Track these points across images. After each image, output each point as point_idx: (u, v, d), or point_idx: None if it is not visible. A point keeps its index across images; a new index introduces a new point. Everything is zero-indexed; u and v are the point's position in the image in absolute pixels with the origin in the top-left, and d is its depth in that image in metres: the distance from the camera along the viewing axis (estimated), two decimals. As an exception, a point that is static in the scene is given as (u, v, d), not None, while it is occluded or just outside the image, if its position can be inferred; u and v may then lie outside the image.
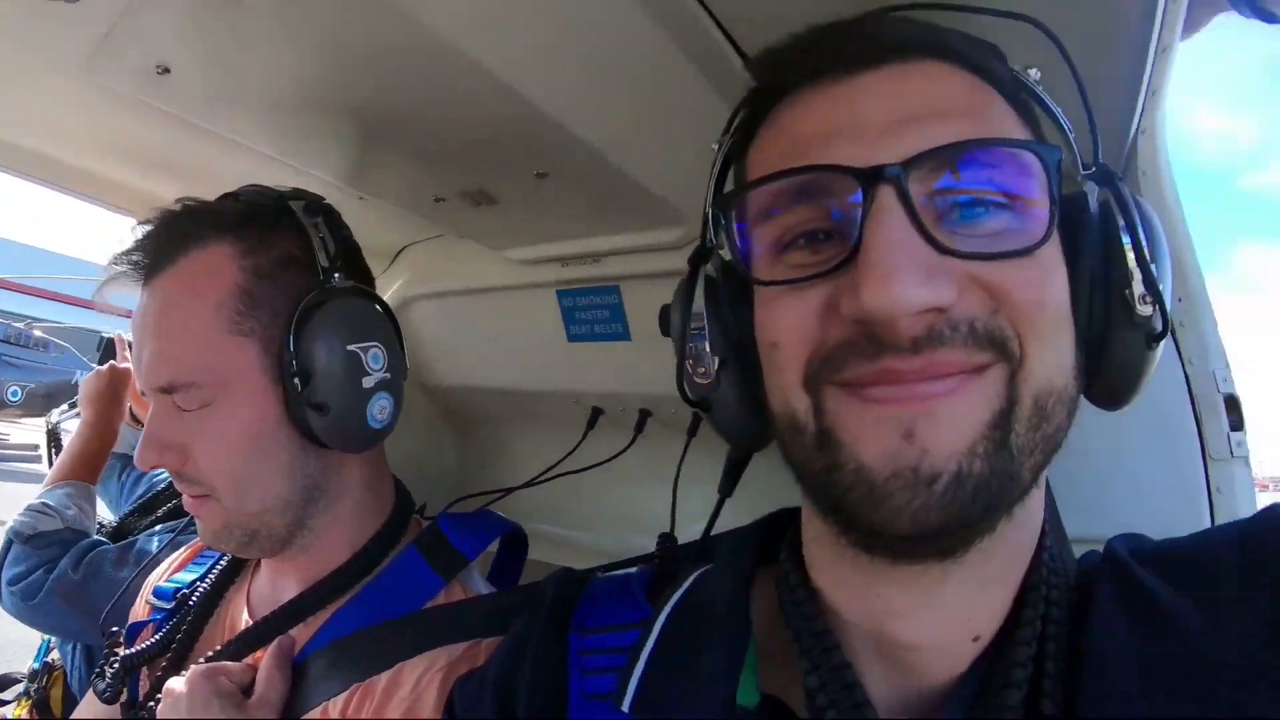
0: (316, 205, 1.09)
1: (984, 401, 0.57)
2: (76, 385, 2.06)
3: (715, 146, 0.75)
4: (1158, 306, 0.62)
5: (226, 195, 1.10)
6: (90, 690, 1.21)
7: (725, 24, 0.89)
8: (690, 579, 0.79)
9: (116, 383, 1.97)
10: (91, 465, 1.87)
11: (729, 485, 0.96)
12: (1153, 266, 0.62)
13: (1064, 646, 0.64)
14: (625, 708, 0.68)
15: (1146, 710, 0.58)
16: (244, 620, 1.13)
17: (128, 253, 1.05)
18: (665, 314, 0.77)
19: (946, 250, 0.57)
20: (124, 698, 1.17)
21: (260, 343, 1.01)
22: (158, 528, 1.79)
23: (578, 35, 0.90)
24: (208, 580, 1.22)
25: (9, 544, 1.70)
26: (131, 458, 1.69)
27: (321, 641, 1.04)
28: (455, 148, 1.22)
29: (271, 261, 1.03)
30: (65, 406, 2.16)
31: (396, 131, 1.21)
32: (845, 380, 0.59)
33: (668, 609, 0.75)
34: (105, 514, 2.00)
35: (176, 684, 1.00)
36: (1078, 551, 0.79)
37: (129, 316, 1.08)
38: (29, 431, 19.58)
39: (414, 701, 0.93)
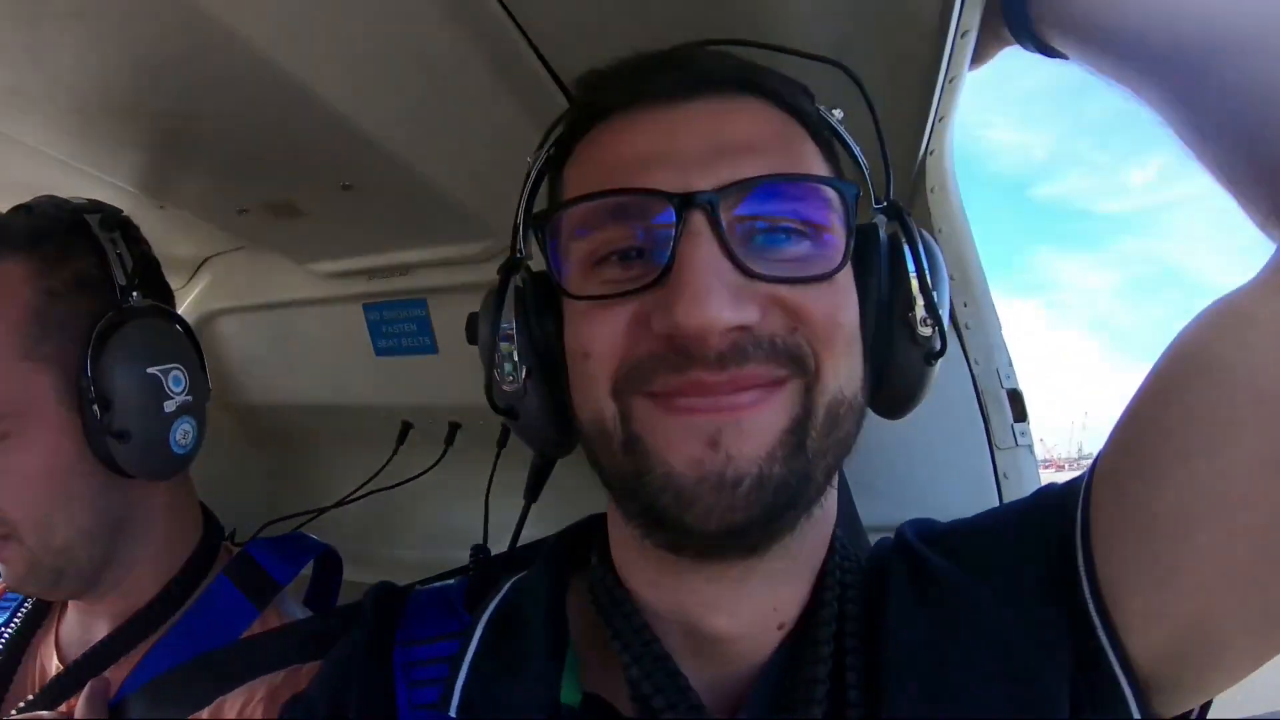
0: (113, 219, 1.04)
1: (783, 411, 0.63)
2: None
3: (529, 160, 0.79)
4: (937, 329, 0.71)
5: (18, 208, 1.05)
6: None
7: (536, 41, 0.92)
8: (506, 586, 0.81)
9: None
10: None
11: (534, 492, 0.98)
12: (934, 293, 0.71)
13: (862, 625, 0.71)
14: (452, 712, 0.69)
15: (940, 676, 0.66)
16: (54, 666, 1.07)
17: None
18: (473, 322, 0.79)
19: (752, 274, 0.62)
20: None
21: (56, 369, 0.96)
22: None
23: (385, 46, 0.92)
24: (11, 627, 1.14)
25: None
26: None
27: (138, 681, 0.99)
28: (259, 158, 1.20)
29: (66, 281, 0.98)
30: None
31: (199, 140, 1.19)
32: (653, 391, 0.63)
33: (486, 615, 0.77)
34: None
35: None
36: (876, 538, 0.87)
37: None
38: None
39: None
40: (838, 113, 0.75)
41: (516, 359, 0.73)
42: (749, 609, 0.69)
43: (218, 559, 1.12)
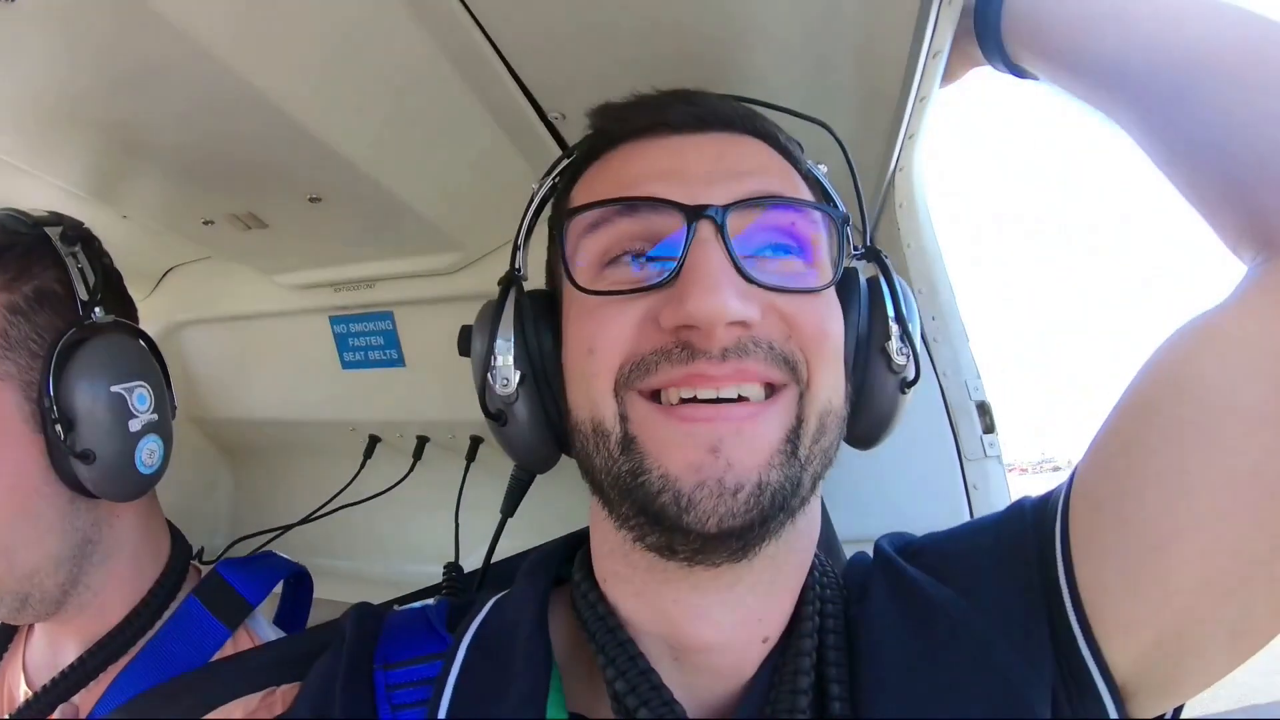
0: (75, 232, 1.03)
1: (778, 421, 0.68)
2: None
3: (535, 186, 0.85)
4: (912, 358, 0.78)
5: None
6: None
7: (511, 60, 0.93)
8: (487, 606, 0.82)
9: None
10: None
11: (511, 505, 0.99)
12: (909, 325, 0.78)
13: (843, 638, 0.74)
14: None
15: (923, 687, 0.69)
16: (22, 692, 1.05)
17: None
18: (465, 334, 0.83)
19: (752, 280, 0.68)
20: None
21: (18, 388, 0.94)
22: None
23: (355, 62, 0.93)
24: None
25: None
26: None
27: (109, 705, 0.97)
28: (225, 169, 1.20)
29: (27, 297, 0.96)
30: None
31: (163, 150, 1.18)
32: (652, 385, 0.68)
33: (468, 637, 0.78)
34: None
35: None
36: (851, 551, 0.89)
37: None
38: None
39: None
40: (823, 167, 0.84)
41: (512, 365, 0.78)
42: (734, 620, 0.71)
43: (186, 579, 1.11)
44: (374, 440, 1.78)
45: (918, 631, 0.72)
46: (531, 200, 0.85)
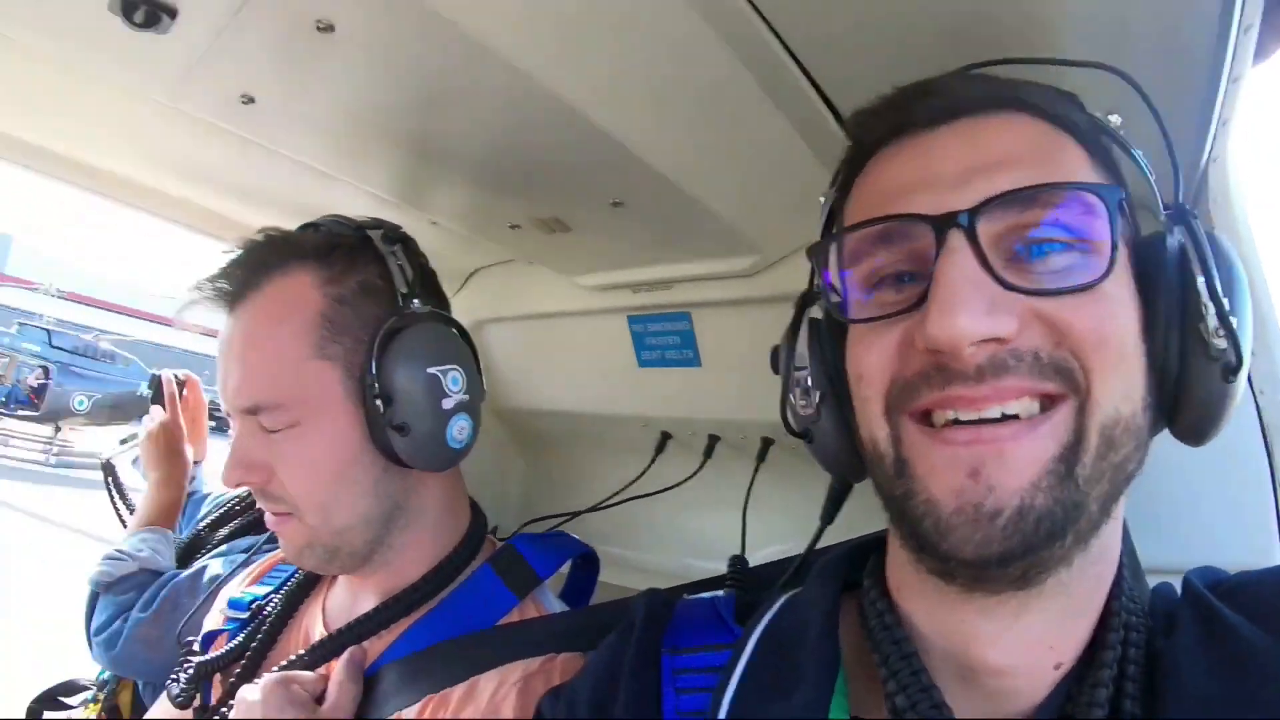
0: (394, 234, 1.15)
1: (1052, 439, 0.63)
2: (142, 398, 2.15)
3: (821, 199, 0.83)
4: (1232, 340, 0.66)
5: (306, 225, 1.17)
6: (164, 694, 1.27)
7: (803, 60, 0.92)
8: (779, 603, 0.83)
9: (171, 440, 2.05)
10: (168, 515, 1.95)
11: (830, 513, 0.99)
12: (1225, 301, 0.67)
13: (1143, 672, 0.68)
14: None
15: None
16: (319, 632, 1.18)
17: (213, 279, 1.12)
18: (775, 354, 0.84)
19: (1009, 286, 0.63)
20: (197, 703, 1.23)
21: (343, 367, 1.07)
22: (224, 547, 1.86)
23: (654, 69, 0.95)
24: (283, 592, 1.28)
25: (93, 597, 1.78)
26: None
27: (395, 655, 1.08)
28: (532, 176, 1.28)
29: (352, 289, 1.09)
30: (119, 442, 2.25)
31: (471, 159, 1.28)
32: (918, 408, 0.66)
33: (758, 631, 0.79)
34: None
35: (250, 691, 1.05)
36: (1154, 582, 0.82)
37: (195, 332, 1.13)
38: (93, 440, 20.26)
39: (489, 714, 0.96)
40: (1115, 118, 0.74)
41: (810, 384, 0.78)
42: (1022, 645, 0.68)
43: (482, 550, 1.20)
44: (665, 436, 1.82)
45: (1229, 676, 0.65)
46: (821, 217, 0.83)
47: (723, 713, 0.72)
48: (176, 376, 2.21)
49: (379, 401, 1.04)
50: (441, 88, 1.10)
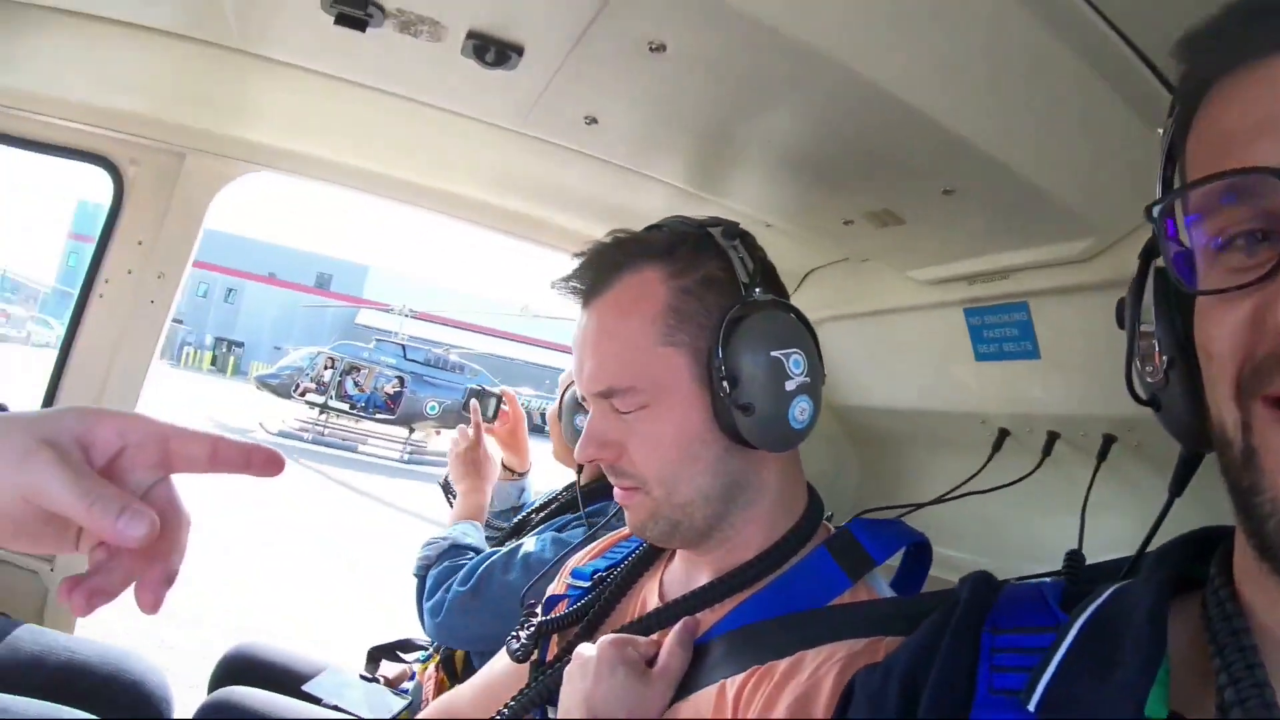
0: (734, 230, 1.22)
1: None
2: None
3: (1160, 131, 0.72)
4: None
5: (651, 226, 1.26)
6: (503, 650, 1.42)
7: (1114, 20, 0.91)
8: (1107, 593, 0.78)
9: (476, 455, 2.40)
10: (477, 514, 2.30)
11: (1179, 485, 0.94)
12: None
13: None
14: (1031, 707, 0.69)
15: None
16: (654, 603, 1.27)
17: (568, 279, 1.24)
18: (1120, 308, 0.78)
19: None
20: (534, 658, 1.36)
21: (689, 353, 1.15)
22: (540, 529, 2.08)
23: (973, 49, 0.98)
24: (624, 565, 1.39)
25: (420, 581, 2.06)
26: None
27: (726, 627, 1.15)
28: (861, 170, 1.34)
29: (696, 281, 1.17)
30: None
31: (805, 158, 1.35)
32: (1272, 393, 0.57)
33: (1085, 617, 0.75)
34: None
35: (587, 649, 1.15)
36: None
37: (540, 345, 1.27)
38: (444, 441, 22.52)
39: (810, 688, 1.00)
40: None
41: (1157, 349, 0.70)
42: None
43: (817, 533, 1.24)
44: (1003, 434, 1.78)
45: None
46: (1160, 158, 0.71)
47: (1038, 693, 0.69)
48: (495, 393, 2.56)
49: (725, 383, 1.11)
50: (769, 91, 1.18)
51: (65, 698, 1.82)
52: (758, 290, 1.16)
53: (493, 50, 1.27)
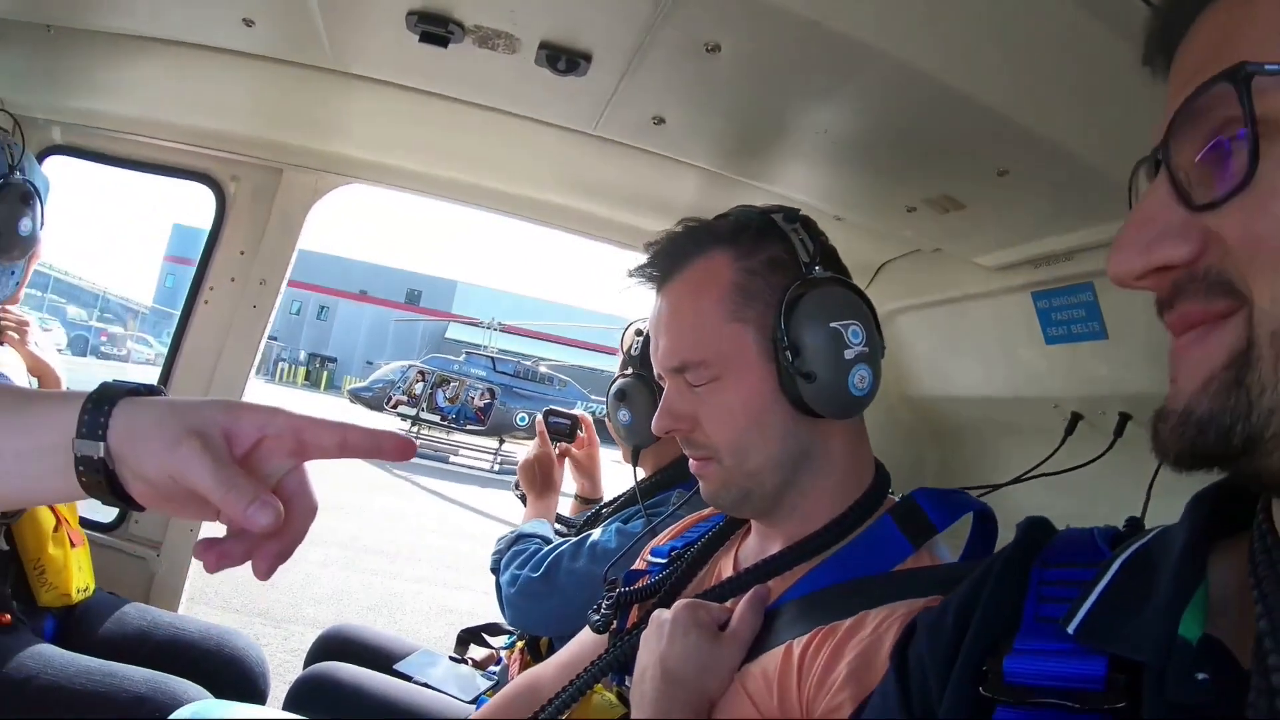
0: (794, 215, 1.29)
1: None
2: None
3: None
4: None
5: (719, 216, 1.33)
6: (585, 627, 1.51)
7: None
8: (1153, 533, 0.80)
9: (543, 469, 2.47)
10: (546, 516, 2.38)
11: None
12: None
13: None
14: (1071, 630, 0.72)
15: None
16: (729, 573, 1.33)
17: (642, 268, 1.33)
18: None
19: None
20: (613, 627, 1.44)
21: (756, 328, 1.23)
22: (608, 520, 2.14)
23: (1019, 32, 1.02)
24: (701, 541, 1.46)
25: (494, 571, 2.16)
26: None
27: (794, 594, 1.21)
28: (916, 156, 1.39)
29: (761, 262, 1.25)
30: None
31: (861, 148, 1.42)
32: None
33: (1128, 553, 0.77)
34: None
35: (663, 612, 1.22)
36: None
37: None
38: (533, 452, 22.79)
39: (872, 642, 1.05)
40: None
41: None
42: None
43: (884, 503, 1.30)
44: (1076, 418, 1.79)
45: None
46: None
47: (1079, 618, 0.72)
48: (572, 415, 2.62)
49: (788, 353, 1.19)
50: (818, 84, 1.25)
51: (170, 669, 1.96)
52: (818, 269, 1.24)
53: (563, 59, 1.37)
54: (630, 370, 2.10)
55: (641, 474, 2.19)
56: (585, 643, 1.55)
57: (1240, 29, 0.59)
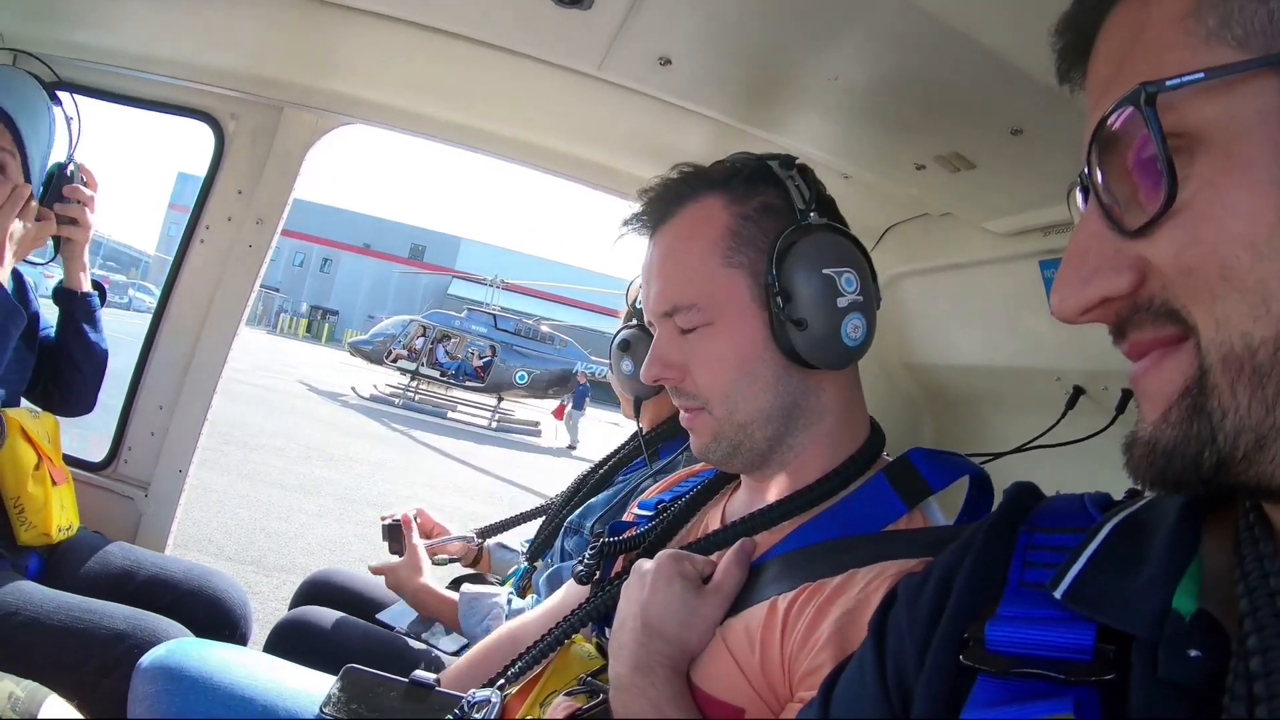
0: (790, 161, 1.27)
1: None
2: (576, 375, 2.50)
3: None
4: None
5: (716, 162, 1.31)
6: (570, 580, 1.50)
7: None
8: (1144, 500, 0.79)
9: (407, 573, 2.27)
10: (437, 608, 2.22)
11: None
12: None
13: None
14: (1058, 593, 0.71)
15: None
16: (716, 526, 1.32)
17: (637, 214, 1.31)
18: None
19: None
20: (596, 577, 1.43)
21: (748, 274, 1.21)
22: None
23: None
24: (689, 494, 1.45)
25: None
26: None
27: (782, 550, 1.19)
28: (928, 110, 1.36)
29: (755, 207, 1.23)
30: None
31: (872, 98, 1.38)
32: None
33: (1118, 518, 0.76)
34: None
35: (645, 563, 1.21)
36: None
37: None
38: (531, 410, 22.92)
39: (859, 603, 1.03)
40: None
41: None
42: None
43: (877, 462, 1.28)
44: (1078, 392, 1.78)
45: None
46: None
47: (1066, 582, 0.70)
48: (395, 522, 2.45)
49: (779, 299, 1.17)
50: (838, 32, 1.22)
51: (152, 608, 1.95)
52: (812, 215, 1.22)
53: None
54: (635, 322, 2.11)
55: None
56: (569, 591, 1.54)
57: (1140, 35, 0.60)
